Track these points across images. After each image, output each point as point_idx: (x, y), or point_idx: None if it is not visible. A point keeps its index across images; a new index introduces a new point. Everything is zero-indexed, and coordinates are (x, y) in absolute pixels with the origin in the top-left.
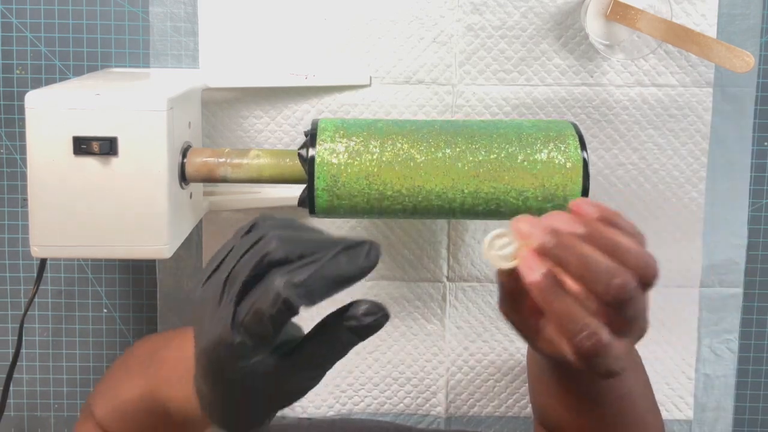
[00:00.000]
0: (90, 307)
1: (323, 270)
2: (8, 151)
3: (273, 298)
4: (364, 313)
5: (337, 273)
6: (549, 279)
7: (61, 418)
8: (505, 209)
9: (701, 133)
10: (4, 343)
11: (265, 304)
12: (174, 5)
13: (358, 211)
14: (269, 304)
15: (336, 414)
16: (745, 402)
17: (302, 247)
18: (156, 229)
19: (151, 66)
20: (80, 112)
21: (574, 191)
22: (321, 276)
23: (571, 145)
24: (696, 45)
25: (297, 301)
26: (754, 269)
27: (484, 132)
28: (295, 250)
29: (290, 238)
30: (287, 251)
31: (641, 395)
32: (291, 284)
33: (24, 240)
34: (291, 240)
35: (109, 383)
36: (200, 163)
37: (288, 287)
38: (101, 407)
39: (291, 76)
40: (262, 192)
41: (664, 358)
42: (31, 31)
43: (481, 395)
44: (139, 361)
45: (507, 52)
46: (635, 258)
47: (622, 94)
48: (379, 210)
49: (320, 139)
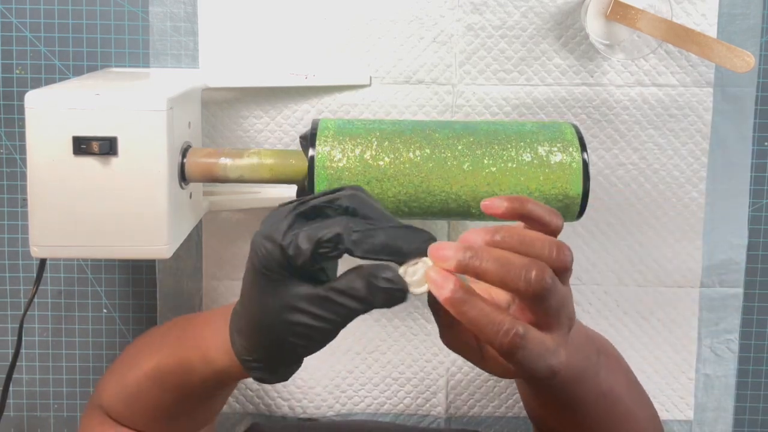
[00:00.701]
0: (90, 307)
1: (381, 232)
2: (8, 151)
3: (329, 228)
4: (385, 277)
5: (390, 241)
6: (459, 290)
7: (61, 418)
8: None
9: (701, 133)
10: (4, 343)
11: (320, 230)
12: (174, 5)
13: None
14: (323, 231)
15: (336, 414)
16: (745, 402)
17: (371, 210)
18: (156, 229)
19: (150, 66)
20: (80, 112)
21: (575, 193)
22: (376, 235)
23: (572, 146)
24: (696, 45)
25: (346, 240)
26: (754, 269)
27: (484, 133)
28: (364, 209)
29: (364, 201)
30: (357, 205)
31: (625, 391)
32: (348, 227)
33: (24, 240)
34: (364, 202)
35: (115, 371)
36: (200, 163)
37: (345, 228)
38: (108, 394)
39: (291, 76)
40: (262, 192)
41: (664, 358)
42: (30, 31)
43: (481, 395)
44: (151, 340)
45: (507, 51)
46: (544, 248)
47: (622, 93)
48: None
49: (320, 139)
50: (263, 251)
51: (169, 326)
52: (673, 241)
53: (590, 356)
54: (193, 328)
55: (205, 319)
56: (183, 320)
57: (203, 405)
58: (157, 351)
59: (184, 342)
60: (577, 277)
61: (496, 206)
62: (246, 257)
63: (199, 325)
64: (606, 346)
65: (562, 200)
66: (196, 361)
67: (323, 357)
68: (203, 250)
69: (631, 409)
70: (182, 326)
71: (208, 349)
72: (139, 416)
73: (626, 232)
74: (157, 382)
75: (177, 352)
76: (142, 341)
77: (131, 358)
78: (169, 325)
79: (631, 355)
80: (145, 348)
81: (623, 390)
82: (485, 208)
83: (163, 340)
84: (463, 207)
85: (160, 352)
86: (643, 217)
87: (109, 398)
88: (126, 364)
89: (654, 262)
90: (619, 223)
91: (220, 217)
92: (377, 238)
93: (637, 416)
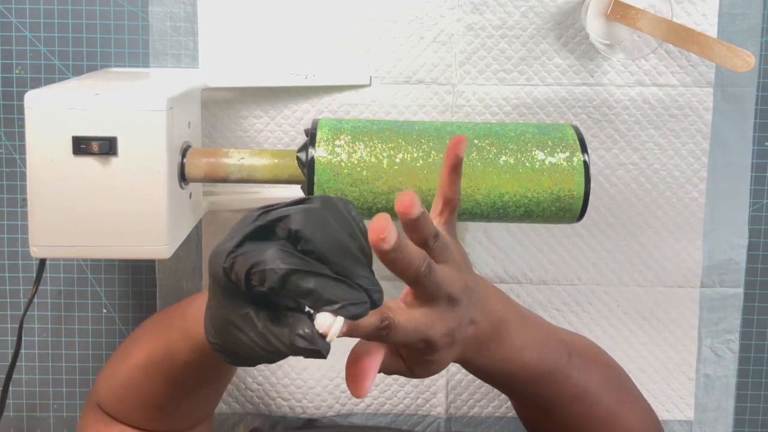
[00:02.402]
0: (89, 307)
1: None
2: (8, 151)
3: (259, 263)
4: (300, 334)
5: (324, 295)
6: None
7: (61, 418)
8: (506, 211)
9: (702, 133)
10: (4, 343)
11: (253, 260)
12: (174, 5)
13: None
14: (253, 263)
15: (336, 414)
16: (745, 402)
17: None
18: (156, 229)
19: (150, 66)
20: (80, 112)
21: (577, 195)
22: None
23: (573, 148)
24: (697, 45)
25: (271, 281)
26: (755, 269)
27: (485, 135)
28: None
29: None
30: (309, 230)
31: (604, 390)
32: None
33: (24, 240)
34: (318, 225)
35: (109, 366)
36: (200, 163)
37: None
38: (103, 389)
39: (291, 76)
40: (261, 192)
41: (665, 358)
42: (30, 31)
43: (481, 395)
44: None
45: (507, 51)
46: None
47: (622, 93)
48: (379, 210)
49: (320, 138)
50: (211, 268)
51: (159, 316)
52: (673, 241)
53: (559, 359)
54: (181, 311)
55: (191, 299)
56: (171, 308)
57: (193, 395)
58: (146, 342)
59: (170, 327)
60: (577, 277)
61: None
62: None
63: (184, 305)
64: (583, 348)
65: (563, 202)
66: (180, 341)
67: None
68: (203, 250)
69: (613, 410)
70: (170, 313)
71: (189, 325)
72: (132, 410)
73: (626, 232)
74: (145, 372)
75: (163, 338)
76: (134, 335)
77: (123, 351)
78: (160, 315)
79: (631, 355)
80: (135, 341)
81: (602, 390)
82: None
83: (153, 328)
84: (464, 208)
85: (148, 343)
86: (643, 217)
87: (103, 394)
88: (119, 358)
89: (654, 262)
90: (619, 223)
91: (220, 217)
92: (304, 285)
93: (622, 416)
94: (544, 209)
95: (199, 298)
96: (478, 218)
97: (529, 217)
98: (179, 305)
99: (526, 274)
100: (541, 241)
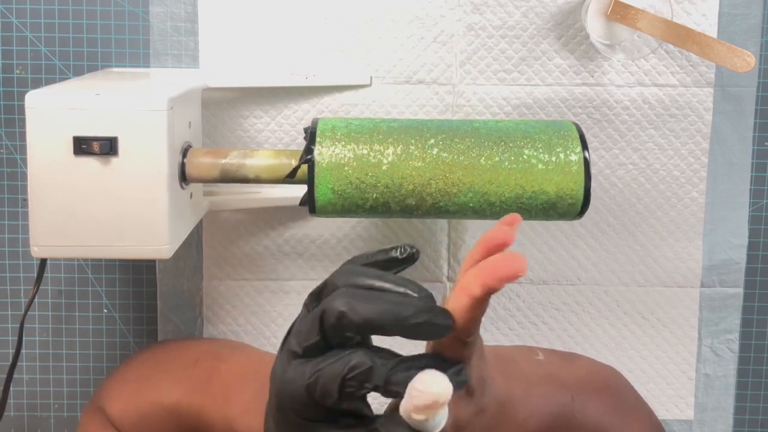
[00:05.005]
0: (90, 307)
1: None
2: (8, 151)
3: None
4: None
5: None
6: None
7: (61, 419)
8: (507, 210)
9: (702, 133)
10: (4, 344)
11: (343, 365)
12: (174, 5)
13: (359, 211)
14: (349, 365)
15: None
16: (745, 402)
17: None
18: (156, 229)
19: (151, 66)
20: (80, 112)
21: (577, 191)
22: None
23: (573, 145)
24: (697, 45)
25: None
26: (755, 269)
27: (485, 133)
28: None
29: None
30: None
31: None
32: (374, 359)
33: (24, 240)
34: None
35: (128, 381)
36: (200, 163)
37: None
38: (118, 404)
39: (291, 76)
40: (262, 192)
41: (664, 358)
42: (31, 31)
43: None
44: (174, 365)
45: (507, 51)
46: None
47: (622, 93)
48: (380, 210)
49: (320, 138)
50: (287, 391)
51: (194, 359)
52: (673, 241)
53: (562, 408)
54: (221, 381)
55: (233, 376)
56: (211, 359)
57: None
58: (179, 384)
59: (209, 392)
60: (577, 277)
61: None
62: (246, 257)
63: (228, 382)
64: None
65: (563, 198)
66: (219, 422)
67: None
68: (203, 250)
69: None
70: (209, 369)
71: (233, 419)
72: None
73: (626, 232)
74: (174, 418)
75: (200, 399)
76: (163, 358)
77: (149, 378)
78: (194, 357)
79: (631, 355)
80: (165, 373)
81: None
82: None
83: (188, 373)
84: (464, 207)
85: (183, 387)
86: (643, 217)
87: (117, 410)
88: (143, 381)
89: (654, 262)
90: (619, 223)
91: (220, 217)
92: (407, 371)
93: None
94: (545, 206)
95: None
96: (477, 217)
97: (529, 214)
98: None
99: (526, 274)
100: (541, 240)
